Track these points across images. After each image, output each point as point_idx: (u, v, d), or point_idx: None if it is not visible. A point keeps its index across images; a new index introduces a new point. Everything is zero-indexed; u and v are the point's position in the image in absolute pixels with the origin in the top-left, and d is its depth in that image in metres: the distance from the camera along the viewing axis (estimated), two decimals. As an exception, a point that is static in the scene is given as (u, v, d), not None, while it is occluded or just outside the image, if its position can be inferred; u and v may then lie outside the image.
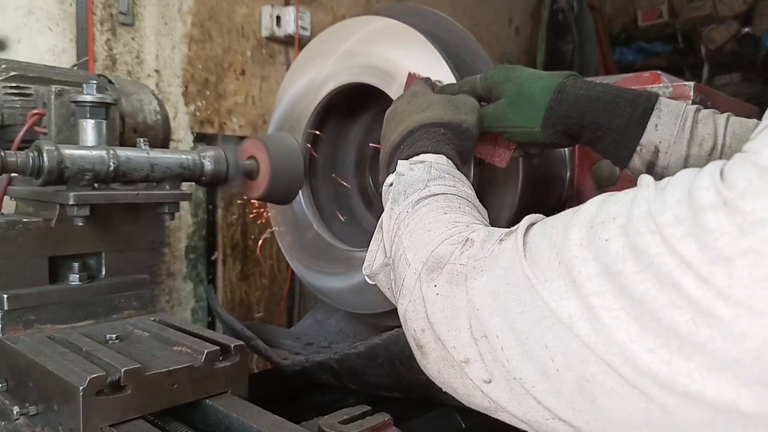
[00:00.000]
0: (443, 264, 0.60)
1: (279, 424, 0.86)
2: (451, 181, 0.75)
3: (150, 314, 1.14)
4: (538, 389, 0.50)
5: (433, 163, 0.78)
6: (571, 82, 0.87)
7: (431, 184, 0.74)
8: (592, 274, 0.46)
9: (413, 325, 0.62)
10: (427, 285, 0.60)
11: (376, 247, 0.76)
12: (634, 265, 0.44)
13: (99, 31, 2.00)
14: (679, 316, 0.42)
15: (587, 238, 0.48)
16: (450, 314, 0.57)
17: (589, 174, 1.26)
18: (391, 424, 0.88)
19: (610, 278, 0.45)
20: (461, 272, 0.57)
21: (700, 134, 0.81)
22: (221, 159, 1.11)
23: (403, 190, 0.75)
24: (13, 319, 1.00)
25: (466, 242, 0.60)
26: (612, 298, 0.45)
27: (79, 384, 0.80)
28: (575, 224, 0.50)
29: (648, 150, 0.82)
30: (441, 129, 0.84)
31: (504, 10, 4.21)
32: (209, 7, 2.34)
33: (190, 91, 2.29)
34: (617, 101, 0.84)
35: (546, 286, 0.49)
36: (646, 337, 0.43)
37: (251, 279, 2.54)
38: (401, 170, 0.78)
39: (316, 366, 1.20)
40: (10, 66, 1.11)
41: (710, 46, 4.56)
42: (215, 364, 0.94)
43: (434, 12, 1.26)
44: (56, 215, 1.03)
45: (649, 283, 0.43)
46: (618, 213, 0.48)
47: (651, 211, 0.45)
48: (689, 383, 0.42)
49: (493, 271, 0.55)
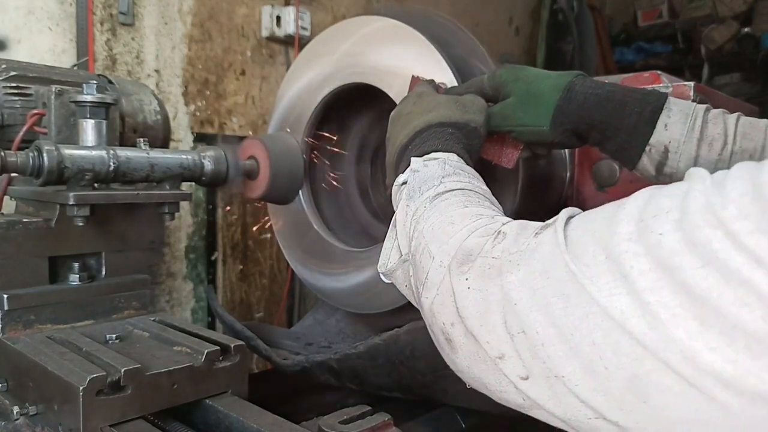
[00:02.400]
0: (474, 257, 0.58)
1: (279, 424, 0.86)
2: (466, 177, 0.75)
3: (150, 314, 1.14)
4: (583, 387, 0.48)
5: (446, 159, 0.77)
6: (580, 81, 0.87)
7: (447, 180, 0.73)
8: (645, 269, 0.45)
9: (442, 319, 0.60)
10: (457, 278, 0.58)
11: (390, 245, 0.75)
12: (694, 261, 0.42)
13: (99, 31, 2.00)
14: (747, 313, 0.40)
15: (637, 232, 0.46)
16: (483, 308, 0.55)
17: (589, 174, 1.26)
18: (391, 424, 0.88)
19: (666, 274, 0.43)
20: (494, 266, 0.56)
21: (710, 134, 0.80)
22: (221, 159, 1.11)
23: (418, 187, 0.74)
24: (13, 319, 1.00)
25: (497, 235, 0.59)
26: (669, 294, 0.43)
27: (79, 384, 0.80)
28: (622, 218, 0.48)
29: (657, 150, 0.82)
30: (449, 128, 0.83)
31: (504, 10, 4.22)
32: (209, 7, 2.34)
33: (190, 91, 2.29)
34: (626, 100, 0.83)
35: (593, 282, 0.47)
36: (708, 335, 0.41)
37: (251, 279, 2.54)
38: (415, 167, 0.77)
39: (316, 366, 1.20)
40: (10, 66, 1.11)
41: (710, 46, 4.57)
42: (215, 364, 0.94)
43: (434, 12, 1.26)
44: (56, 215, 1.03)
45: (713, 279, 0.41)
46: (671, 207, 0.46)
47: (711, 205, 0.43)
48: (758, 384, 0.40)
49: (530, 265, 0.53)
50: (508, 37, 4.28)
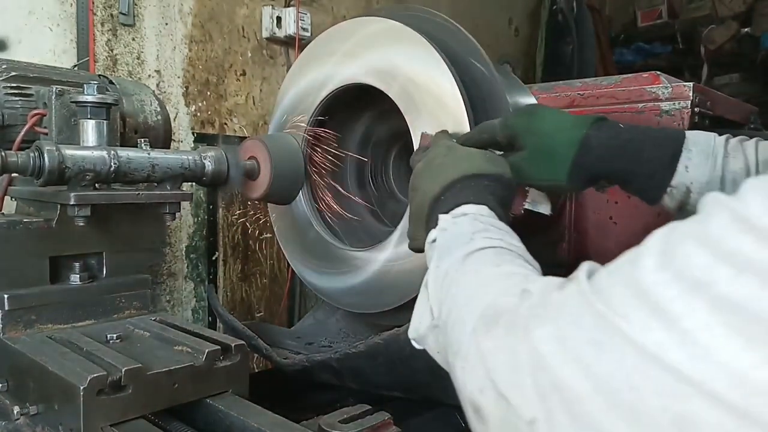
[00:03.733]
0: (500, 316, 0.55)
1: (279, 424, 0.86)
2: (498, 233, 0.71)
3: (151, 314, 1.15)
4: None
5: (476, 214, 0.75)
6: (595, 133, 0.84)
7: (477, 237, 0.70)
8: (676, 295, 0.41)
9: (471, 387, 0.56)
10: (484, 338, 0.55)
11: (422, 310, 0.71)
12: (728, 271, 0.39)
13: (100, 32, 2.00)
14: None
15: (662, 262, 0.43)
16: (512, 367, 0.51)
17: (588, 174, 1.26)
18: (390, 423, 0.89)
19: (699, 293, 0.40)
20: (520, 324, 0.52)
21: (732, 170, 0.80)
22: (222, 159, 1.11)
23: (447, 246, 0.71)
24: (13, 319, 1.00)
25: (524, 293, 0.56)
26: (706, 315, 0.39)
27: (80, 384, 0.80)
28: (644, 253, 0.45)
29: (679, 191, 0.81)
30: (485, 180, 0.81)
31: (503, 11, 4.22)
32: (210, 7, 2.34)
33: (190, 92, 2.29)
34: (643, 147, 0.82)
35: (625, 320, 0.44)
36: (754, 350, 0.37)
37: (252, 279, 2.54)
38: (444, 225, 0.74)
39: (317, 365, 1.20)
40: (11, 66, 1.11)
41: (710, 46, 4.57)
42: (216, 363, 0.94)
43: (434, 13, 1.26)
44: (57, 215, 1.04)
45: (752, 285, 0.38)
46: (691, 229, 0.43)
47: (733, 212, 0.41)
48: None
49: (558, 318, 0.50)
50: (507, 37, 4.29)
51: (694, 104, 1.25)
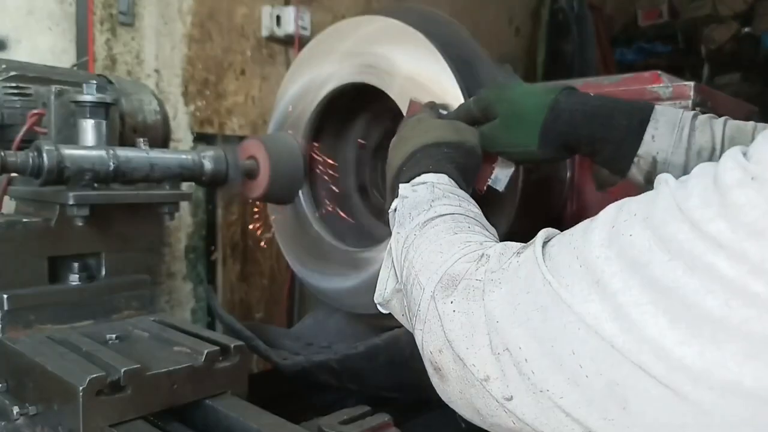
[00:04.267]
0: (458, 280, 0.58)
1: (279, 425, 0.86)
2: (456, 200, 0.74)
3: (150, 314, 1.14)
4: (567, 400, 0.47)
5: (435, 183, 0.77)
6: (565, 98, 0.86)
7: (436, 205, 0.72)
8: (616, 271, 0.45)
9: (430, 348, 0.60)
10: (442, 303, 0.59)
11: (387, 275, 0.75)
12: (662, 255, 0.43)
13: (99, 31, 2.00)
14: (711, 300, 0.40)
15: (609, 238, 0.47)
16: (468, 331, 0.55)
17: (589, 175, 1.26)
18: (390, 424, 0.89)
19: (636, 272, 0.44)
20: (477, 287, 0.56)
21: (698, 143, 0.81)
22: (221, 159, 1.11)
23: (407, 213, 0.73)
24: (13, 319, 1.00)
25: (481, 258, 0.59)
26: (639, 293, 0.43)
27: (79, 384, 0.80)
28: (595, 227, 0.49)
29: (646, 161, 0.82)
30: (444, 148, 0.83)
31: (504, 11, 4.21)
32: (209, 6, 2.34)
33: (189, 91, 2.29)
34: (613, 114, 0.83)
35: (568, 290, 0.48)
36: (677, 329, 0.41)
37: (251, 279, 2.54)
38: (404, 193, 0.77)
39: (316, 366, 1.20)
40: (10, 66, 1.11)
41: (710, 46, 4.57)
42: (215, 364, 0.94)
43: (434, 12, 1.26)
44: (56, 215, 1.03)
45: (679, 270, 0.42)
46: (639, 209, 0.47)
47: (676, 200, 0.44)
48: (725, 374, 0.39)
49: (511, 282, 0.53)
50: (508, 37, 4.28)
51: (695, 104, 1.25)
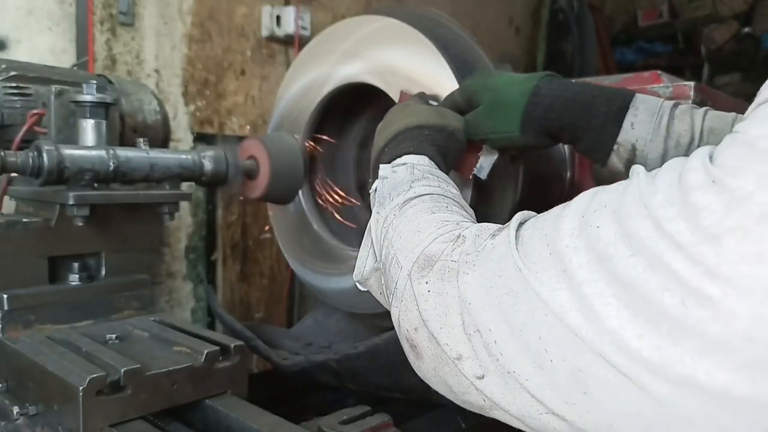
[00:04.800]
0: (434, 261, 0.60)
1: (279, 424, 0.86)
2: (435, 181, 0.75)
3: (150, 314, 1.14)
4: (532, 383, 0.49)
5: (415, 164, 0.78)
6: (546, 84, 0.87)
7: (415, 185, 0.73)
8: (584, 262, 0.46)
9: (406, 326, 0.62)
10: (418, 282, 0.60)
11: (366, 253, 0.76)
12: (625, 250, 0.44)
13: (99, 31, 2.00)
14: (669, 298, 0.41)
15: (579, 227, 0.48)
16: (442, 311, 0.56)
17: (589, 174, 1.26)
18: (390, 424, 0.89)
19: (601, 265, 0.45)
20: (452, 268, 0.57)
21: (677, 131, 0.81)
22: (221, 159, 1.11)
23: (387, 193, 0.74)
24: (13, 319, 1.00)
25: (457, 239, 0.60)
26: (603, 285, 0.44)
27: (79, 384, 0.80)
28: (567, 215, 0.50)
29: (625, 149, 0.83)
30: (426, 130, 0.85)
31: (504, 10, 4.21)
32: (209, 6, 2.33)
33: (189, 91, 2.29)
34: (594, 101, 0.84)
35: (537, 277, 0.49)
36: (637, 323, 0.42)
37: (251, 279, 2.54)
38: (384, 174, 0.78)
39: (316, 366, 1.20)
40: (10, 66, 1.11)
41: (710, 46, 4.56)
42: (215, 364, 0.94)
43: (434, 11, 1.26)
44: (56, 215, 1.03)
45: (640, 267, 0.43)
46: (610, 201, 0.48)
47: (642, 196, 0.45)
48: (681, 368, 0.41)
49: (484, 265, 0.55)
50: (508, 37, 4.28)
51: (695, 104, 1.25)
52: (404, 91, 1.07)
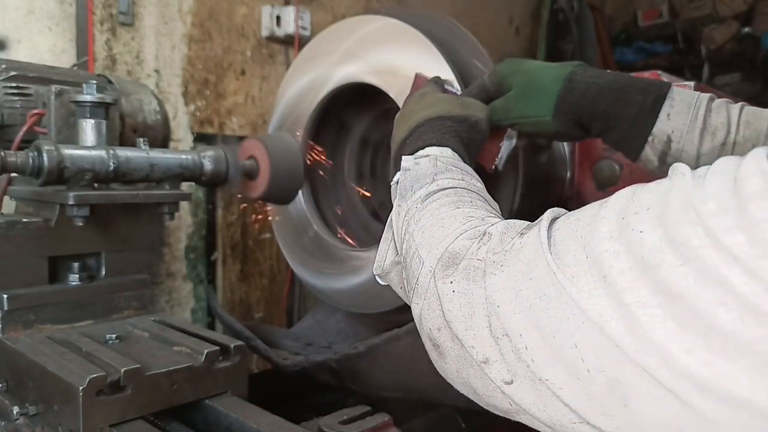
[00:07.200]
0: (459, 259, 0.57)
1: (279, 424, 0.86)
2: (459, 174, 0.73)
3: (150, 314, 1.14)
4: (566, 391, 0.47)
5: (439, 156, 0.76)
6: (581, 71, 0.86)
7: (439, 178, 0.71)
8: (625, 268, 0.43)
9: (429, 324, 0.59)
10: (442, 282, 0.57)
11: (386, 246, 0.74)
12: (673, 259, 0.41)
13: (99, 31, 2.00)
14: (724, 313, 0.39)
15: (618, 230, 0.45)
16: (467, 312, 0.54)
17: (589, 174, 1.26)
18: (391, 424, 0.88)
19: (645, 273, 0.42)
20: (479, 267, 0.54)
21: (713, 124, 0.79)
22: (221, 159, 1.11)
23: (410, 186, 0.72)
24: (13, 319, 1.00)
25: (483, 236, 0.57)
26: (647, 294, 0.42)
27: (79, 384, 0.80)
28: (604, 216, 0.47)
29: (660, 140, 0.81)
30: (448, 122, 0.82)
31: (504, 10, 4.21)
32: (209, 6, 2.33)
33: (189, 91, 2.29)
34: (629, 90, 0.82)
35: (573, 282, 0.46)
36: (685, 337, 0.40)
37: (251, 279, 2.54)
38: (406, 165, 0.76)
39: (316, 366, 1.20)
40: (10, 66, 1.11)
41: (710, 46, 4.56)
42: (215, 364, 0.94)
43: (434, 12, 1.26)
44: (56, 215, 1.03)
45: (691, 277, 0.40)
46: (652, 203, 0.45)
47: (691, 201, 0.42)
48: (733, 387, 0.39)
49: (513, 266, 0.52)
50: (508, 37, 4.28)
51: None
52: (419, 74, 1.05)
